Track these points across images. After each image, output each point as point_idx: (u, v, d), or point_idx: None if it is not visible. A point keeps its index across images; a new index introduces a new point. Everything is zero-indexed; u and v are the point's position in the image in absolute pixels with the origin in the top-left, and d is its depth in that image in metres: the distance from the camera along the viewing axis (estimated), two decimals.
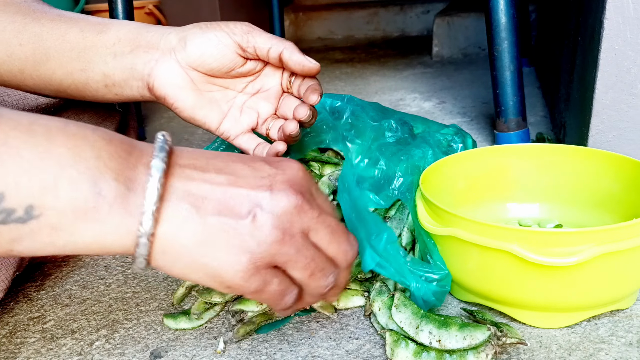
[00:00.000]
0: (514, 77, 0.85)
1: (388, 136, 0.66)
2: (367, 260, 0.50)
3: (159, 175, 0.33)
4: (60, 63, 0.53)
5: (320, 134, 0.65)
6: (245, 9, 2.35)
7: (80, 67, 0.53)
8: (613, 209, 0.57)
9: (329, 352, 0.48)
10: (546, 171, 0.62)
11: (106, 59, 0.52)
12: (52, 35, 0.52)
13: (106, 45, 0.52)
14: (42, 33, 0.53)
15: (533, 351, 0.46)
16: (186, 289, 0.57)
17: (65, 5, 1.85)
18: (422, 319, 0.46)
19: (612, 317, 0.50)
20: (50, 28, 0.53)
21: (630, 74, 0.64)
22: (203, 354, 0.49)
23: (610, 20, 0.62)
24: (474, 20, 1.78)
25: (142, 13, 1.94)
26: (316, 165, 0.68)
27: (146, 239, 0.33)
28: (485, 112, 1.16)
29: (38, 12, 0.54)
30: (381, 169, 0.60)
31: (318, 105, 0.67)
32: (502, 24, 0.84)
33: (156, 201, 0.33)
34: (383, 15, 2.43)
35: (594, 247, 0.43)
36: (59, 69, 0.53)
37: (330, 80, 1.59)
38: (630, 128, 0.66)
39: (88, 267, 0.67)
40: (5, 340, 0.54)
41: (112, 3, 1.01)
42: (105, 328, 0.55)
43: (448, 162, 0.61)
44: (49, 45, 0.53)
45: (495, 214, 0.64)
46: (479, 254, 0.47)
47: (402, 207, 0.60)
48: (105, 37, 0.52)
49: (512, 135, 0.88)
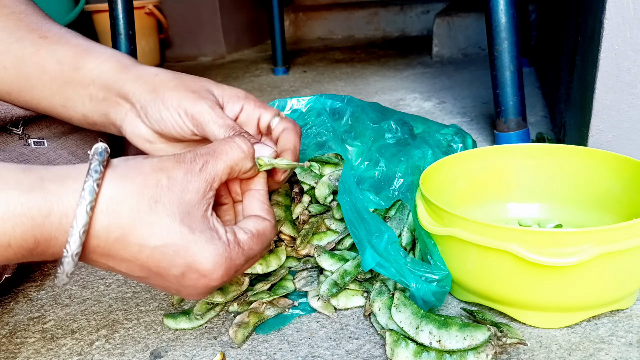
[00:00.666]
0: (514, 77, 0.85)
1: (388, 137, 0.66)
2: (368, 260, 0.50)
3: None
4: (44, 95, 0.52)
5: (321, 137, 0.65)
6: (245, 9, 2.35)
7: (61, 103, 0.52)
8: (613, 209, 0.57)
9: (329, 352, 0.48)
10: (546, 171, 0.62)
11: (84, 100, 0.51)
12: (33, 63, 0.51)
13: (82, 84, 0.51)
14: (24, 58, 0.51)
15: (533, 351, 0.46)
16: None
17: (65, 5, 1.85)
18: (422, 319, 0.46)
19: (612, 317, 0.50)
20: (31, 53, 0.51)
21: (630, 74, 0.64)
22: (203, 354, 0.49)
23: (610, 20, 0.62)
24: (474, 20, 1.78)
25: (142, 13, 1.94)
26: (316, 165, 0.68)
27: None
28: (485, 112, 1.16)
29: (22, 30, 0.52)
30: (381, 169, 0.60)
31: (319, 106, 0.67)
32: (502, 24, 0.84)
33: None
34: (383, 15, 2.43)
35: (594, 247, 0.43)
36: (42, 100, 0.53)
37: (330, 80, 1.59)
38: (630, 128, 0.66)
39: (88, 267, 0.67)
40: (5, 340, 0.54)
41: (112, 3, 1.02)
42: (105, 328, 0.55)
43: (448, 162, 0.61)
44: (31, 73, 0.51)
45: (495, 214, 0.64)
46: (479, 254, 0.47)
47: (402, 208, 0.60)
48: (81, 74, 0.51)
49: (512, 135, 0.88)
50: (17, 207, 0.33)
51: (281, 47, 1.74)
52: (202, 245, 0.37)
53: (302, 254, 0.62)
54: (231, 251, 0.39)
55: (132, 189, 0.36)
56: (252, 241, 0.41)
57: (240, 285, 0.56)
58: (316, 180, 0.66)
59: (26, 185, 0.33)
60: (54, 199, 0.34)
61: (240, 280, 0.57)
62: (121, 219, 0.35)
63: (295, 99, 0.68)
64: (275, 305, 0.54)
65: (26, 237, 0.33)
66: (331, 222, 0.63)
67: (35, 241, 0.34)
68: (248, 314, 0.52)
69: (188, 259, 0.37)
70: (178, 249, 0.37)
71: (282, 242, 0.63)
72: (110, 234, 0.35)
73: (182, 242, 0.37)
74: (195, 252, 0.37)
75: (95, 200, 0.34)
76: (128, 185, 0.36)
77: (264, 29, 2.39)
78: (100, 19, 1.94)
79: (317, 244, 0.61)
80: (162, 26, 2.09)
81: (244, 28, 2.35)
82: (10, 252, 0.33)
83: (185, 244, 0.37)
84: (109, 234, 0.35)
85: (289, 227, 0.62)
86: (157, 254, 0.36)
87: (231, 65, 2.00)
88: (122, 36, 1.02)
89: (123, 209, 0.35)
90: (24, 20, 0.53)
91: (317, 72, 1.74)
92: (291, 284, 0.58)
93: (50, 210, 0.33)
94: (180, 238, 0.36)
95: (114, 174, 0.36)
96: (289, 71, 1.79)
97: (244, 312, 0.52)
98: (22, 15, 0.53)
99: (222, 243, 0.38)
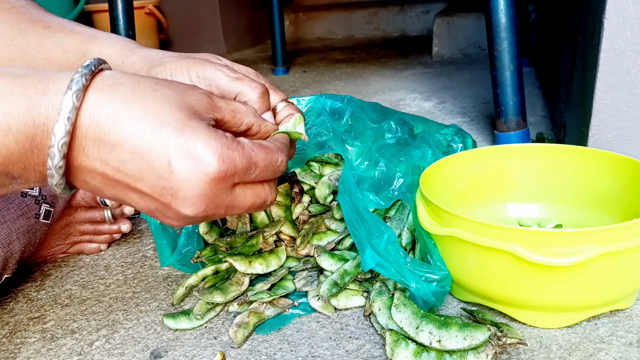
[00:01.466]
0: (514, 77, 0.85)
1: (388, 137, 0.66)
2: (367, 260, 0.50)
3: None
4: None
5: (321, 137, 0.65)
6: (245, 9, 2.35)
7: None
8: (613, 209, 0.57)
9: (329, 352, 0.48)
10: (546, 171, 0.62)
11: None
12: (39, 53, 0.51)
13: None
14: (29, 50, 0.51)
15: (533, 351, 0.46)
16: (186, 288, 0.58)
17: (65, 5, 1.85)
18: (422, 319, 0.46)
19: (612, 317, 0.50)
20: (36, 44, 0.51)
21: (630, 74, 0.64)
22: (203, 354, 0.49)
23: (610, 20, 0.62)
24: (474, 20, 1.78)
25: (142, 13, 1.94)
26: (316, 165, 0.68)
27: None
28: (485, 112, 1.16)
29: (25, 22, 0.52)
30: (381, 170, 0.60)
31: (319, 106, 0.67)
32: (502, 24, 0.84)
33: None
34: (383, 15, 2.44)
35: (594, 247, 0.43)
36: None
37: (330, 80, 1.59)
38: (631, 128, 0.66)
39: (88, 267, 0.67)
40: (5, 341, 0.54)
41: (112, 3, 1.02)
42: (105, 328, 0.55)
43: (448, 162, 0.61)
44: (37, 63, 0.52)
45: (496, 214, 0.64)
46: (479, 254, 0.47)
47: (402, 208, 0.60)
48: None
49: (512, 135, 0.88)
50: (14, 88, 0.32)
51: (281, 47, 1.74)
52: (200, 131, 0.34)
53: (302, 254, 0.62)
54: (229, 144, 0.35)
55: (127, 77, 0.35)
56: (254, 146, 0.37)
57: (240, 285, 0.56)
58: (316, 180, 0.66)
59: (23, 72, 0.33)
60: (50, 82, 0.33)
61: (240, 280, 0.57)
62: (114, 99, 0.33)
63: (295, 99, 0.68)
64: (275, 305, 0.54)
65: (25, 120, 0.32)
66: (331, 222, 0.63)
67: (34, 125, 0.32)
68: (248, 314, 0.52)
69: (182, 142, 0.34)
70: (174, 131, 0.34)
71: (282, 242, 0.63)
72: (102, 113, 0.33)
73: (179, 124, 0.34)
74: (189, 135, 0.34)
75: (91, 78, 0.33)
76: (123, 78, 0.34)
77: (264, 29, 2.39)
78: (100, 18, 1.94)
79: (317, 244, 0.61)
80: (162, 26, 2.09)
81: (244, 28, 2.35)
82: (11, 140, 0.32)
83: (181, 127, 0.34)
84: (100, 113, 0.33)
85: (289, 227, 0.62)
86: (151, 136, 0.33)
87: None
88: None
89: (117, 89, 0.33)
90: (25, 14, 0.53)
91: (317, 72, 1.74)
92: (291, 284, 0.58)
93: (46, 90, 0.32)
94: (177, 121, 0.34)
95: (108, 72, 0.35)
96: (289, 71, 1.79)
97: (244, 312, 0.53)
98: (22, 9, 0.54)
99: (221, 135, 0.35)
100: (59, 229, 0.69)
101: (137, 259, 0.68)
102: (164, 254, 0.62)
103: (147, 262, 0.67)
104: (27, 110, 0.32)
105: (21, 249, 0.60)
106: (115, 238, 0.73)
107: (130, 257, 0.69)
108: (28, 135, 0.32)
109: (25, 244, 0.61)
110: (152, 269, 0.65)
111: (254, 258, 0.58)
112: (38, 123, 0.32)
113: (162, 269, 0.65)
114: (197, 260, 0.59)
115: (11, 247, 0.59)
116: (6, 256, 0.58)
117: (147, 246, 0.71)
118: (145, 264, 0.67)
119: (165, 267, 0.65)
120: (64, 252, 0.71)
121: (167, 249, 0.62)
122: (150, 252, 0.70)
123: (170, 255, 0.62)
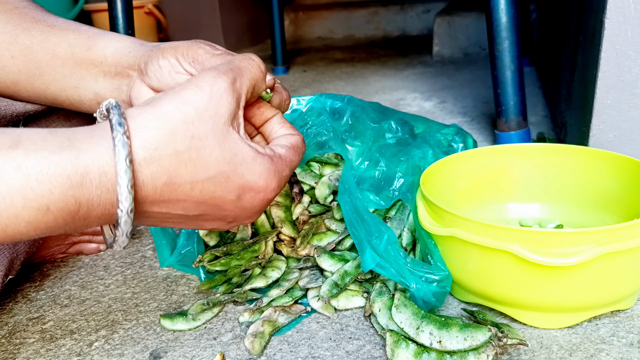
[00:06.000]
0: (514, 76, 0.85)
1: (388, 137, 0.66)
2: (367, 261, 0.50)
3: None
4: (55, 78, 0.52)
5: (321, 137, 0.65)
6: (245, 8, 2.35)
7: (73, 84, 0.52)
8: (614, 209, 0.57)
9: (329, 353, 0.48)
10: (547, 171, 0.62)
11: (97, 77, 0.51)
12: (42, 49, 0.52)
13: (95, 62, 0.51)
14: (33, 46, 0.52)
15: (534, 352, 0.46)
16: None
17: (65, 5, 1.85)
18: (422, 319, 0.46)
19: (613, 318, 0.50)
20: (40, 40, 0.52)
21: (631, 74, 0.64)
22: (202, 354, 0.49)
23: (611, 20, 0.62)
24: (474, 20, 1.78)
25: (141, 13, 1.94)
26: (316, 165, 0.68)
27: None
28: (486, 112, 1.16)
29: (28, 21, 0.53)
30: (381, 170, 0.60)
31: (319, 105, 0.67)
32: (503, 24, 0.84)
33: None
34: (383, 15, 2.43)
35: (594, 248, 0.42)
36: (52, 84, 0.53)
37: (330, 79, 1.59)
38: (631, 128, 0.66)
39: (87, 268, 0.67)
40: (5, 341, 0.54)
41: (111, 2, 1.01)
42: (104, 329, 0.55)
43: (448, 162, 0.60)
44: (40, 59, 0.52)
45: (496, 214, 0.63)
46: (479, 254, 0.47)
47: (402, 208, 0.60)
48: (94, 53, 0.51)
49: (512, 135, 0.87)
50: (50, 167, 0.31)
51: (281, 47, 1.74)
52: (248, 164, 0.38)
53: (302, 255, 0.61)
54: (275, 163, 0.40)
55: (162, 134, 0.35)
56: (290, 153, 0.42)
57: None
58: (316, 180, 0.65)
59: (55, 146, 0.32)
60: (87, 156, 0.33)
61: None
62: (162, 164, 0.35)
63: (295, 99, 0.68)
64: (288, 312, 0.53)
65: (66, 199, 0.32)
66: (331, 223, 0.62)
67: (76, 202, 0.32)
68: (262, 322, 0.51)
69: (240, 181, 0.38)
70: (228, 175, 0.37)
71: (282, 242, 0.63)
72: (157, 180, 0.35)
73: (229, 167, 0.37)
74: (244, 172, 0.38)
75: (130, 152, 0.33)
76: (156, 131, 0.35)
77: (264, 28, 2.39)
78: (99, 18, 1.94)
79: (317, 244, 0.61)
80: (161, 26, 2.09)
81: (243, 27, 2.35)
82: (51, 218, 0.32)
83: (233, 168, 0.37)
84: (156, 181, 0.35)
85: (289, 227, 0.62)
86: (209, 186, 0.37)
87: None
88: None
89: (161, 153, 0.35)
90: (28, 14, 0.54)
91: (317, 71, 1.74)
92: (299, 291, 0.57)
93: (87, 168, 0.32)
94: (226, 164, 0.37)
95: (136, 123, 0.35)
96: (289, 71, 1.79)
97: (257, 321, 0.51)
98: (25, 9, 0.54)
99: (266, 158, 0.39)
100: None
101: (137, 260, 0.68)
102: (163, 255, 0.62)
103: (146, 263, 0.67)
104: (68, 190, 0.33)
105: (26, 249, 0.60)
106: None
107: (130, 257, 0.69)
108: (70, 212, 0.33)
109: (29, 245, 0.61)
110: (151, 269, 0.65)
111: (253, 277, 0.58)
112: (82, 200, 0.34)
113: (162, 269, 0.65)
114: (198, 264, 0.59)
115: (17, 248, 0.59)
116: (12, 257, 0.58)
117: (147, 246, 0.71)
118: (145, 264, 0.67)
119: (164, 267, 0.65)
120: (63, 253, 0.71)
121: (166, 250, 0.62)
122: (149, 252, 0.70)
123: (170, 255, 0.62)
